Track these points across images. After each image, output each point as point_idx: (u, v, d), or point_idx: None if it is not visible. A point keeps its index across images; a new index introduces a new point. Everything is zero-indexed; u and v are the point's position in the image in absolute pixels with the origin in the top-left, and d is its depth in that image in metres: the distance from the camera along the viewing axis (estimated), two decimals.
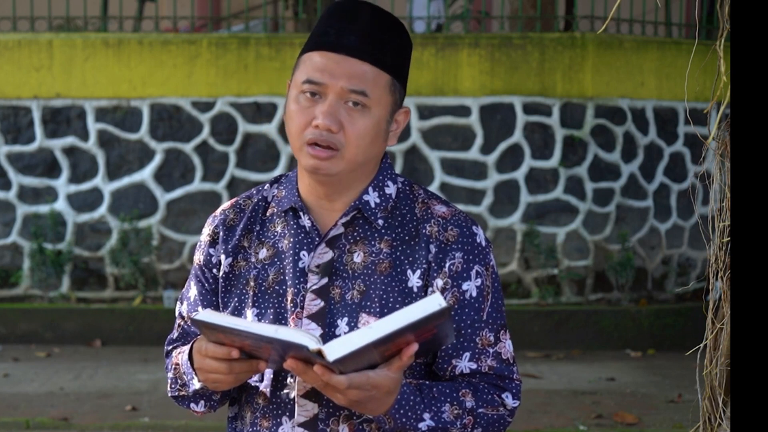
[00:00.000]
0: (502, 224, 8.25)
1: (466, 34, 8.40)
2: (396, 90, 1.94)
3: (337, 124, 1.88)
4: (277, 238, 1.99)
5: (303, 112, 1.90)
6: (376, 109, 1.90)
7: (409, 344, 1.74)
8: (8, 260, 8.37)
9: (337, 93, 1.88)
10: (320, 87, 1.88)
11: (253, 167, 8.27)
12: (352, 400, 1.77)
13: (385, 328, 1.70)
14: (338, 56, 1.88)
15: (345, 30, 1.89)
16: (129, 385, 6.65)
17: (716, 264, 2.31)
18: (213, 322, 1.76)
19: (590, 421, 5.87)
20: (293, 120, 1.91)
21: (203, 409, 2.03)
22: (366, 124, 1.90)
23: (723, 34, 2.25)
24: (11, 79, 8.32)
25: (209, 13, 8.91)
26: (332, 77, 1.88)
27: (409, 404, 1.85)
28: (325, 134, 1.88)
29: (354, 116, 1.89)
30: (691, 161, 8.72)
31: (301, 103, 1.91)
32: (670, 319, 8.07)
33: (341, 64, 1.88)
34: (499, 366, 1.96)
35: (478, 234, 1.97)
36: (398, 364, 1.76)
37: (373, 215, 1.96)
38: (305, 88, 1.90)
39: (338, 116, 1.88)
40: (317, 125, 1.88)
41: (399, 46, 1.94)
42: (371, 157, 1.95)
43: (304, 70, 1.91)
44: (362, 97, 1.88)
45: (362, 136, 1.90)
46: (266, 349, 1.78)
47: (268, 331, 1.73)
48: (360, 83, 1.88)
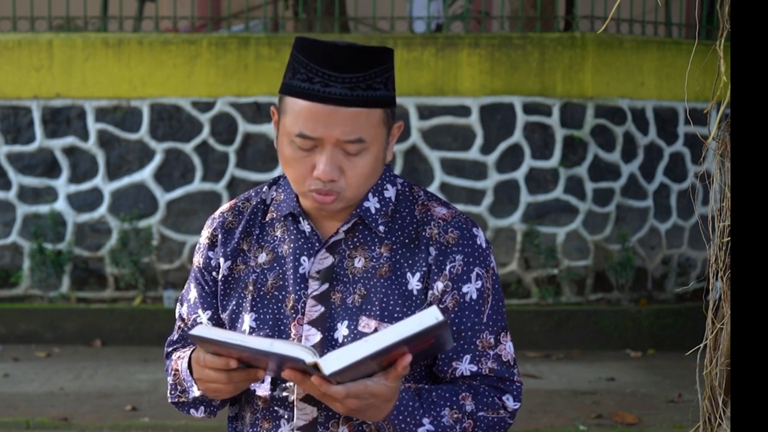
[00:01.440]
0: (502, 224, 8.25)
1: (466, 34, 8.40)
2: (389, 117, 1.90)
3: (338, 173, 1.87)
4: (276, 243, 1.99)
5: (301, 161, 1.87)
6: (373, 146, 1.88)
7: (405, 355, 1.74)
8: (8, 260, 8.37)
9: (333, 143, 1.85)
10: (315, 141, 1.85)
11: (253, 167, 8.27)
12: (351, 408, 1.77)
13: (382, 341, 1.70)
14: (328, 108, 1.83)
15: (331, 78, 1.83)
16: (129, 385, 6.65)
17: (716, 264, 2.31)
18: (209, 337, 1.76)
19: (590, 421, 5.87)
20: (292, 168, 1.89)
21: (203, 414, 2.04)
22: (366, 164, 1.88)
23: (723, 34, 2.25)
24: (11, 79, 8.32)
25: (209, 13, 8.90)
26: (326, 129, 1.84)
27: (408, 410, 1.85)
28: (329, 185, 1.87)
29: (354, 160, 1.87)
30: (691, 161, 8.72)
31: (297, 153, 1.88)
32: (670, 319, 8.06)
33: (333, 115, 1.83)
34: (500, 368, 1.96)
35: (479, 236, 1.97)
36: (395, 374, 1.76)
37: (374, 221, 1.95)
38: (299, 143, 1.86)
39: (338, 164, 1.86)
40: (319, 177, 1.86)
41: (386, 74, 1.88)
42: (372, 183, 1.94)
43: (294, 120, 1.86)
44: (359, 144, 1.86)
45: (364, 174, 1.89)
46: (263, 360, 1.78)
47: (264, 345, 1.73)
48: (354, 131, 1.84)
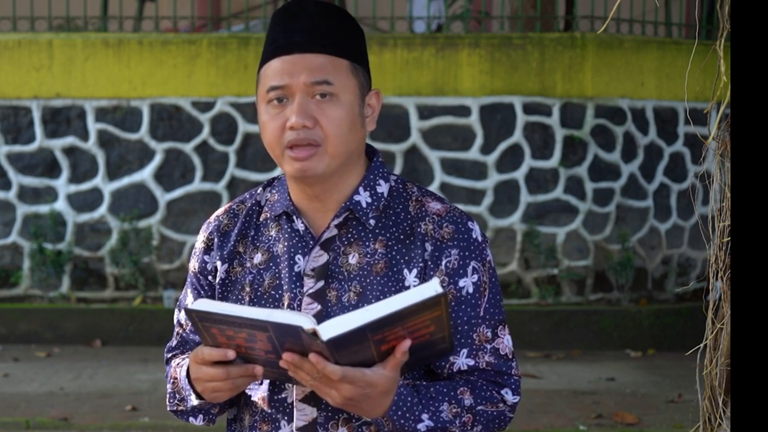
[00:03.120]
0: (502, 224, 8.25)
1: (466, 34, 8.40)
2: (359, 72, 1.94)
3: (311, 120, 1.88)
4: (271, 243, 1.99)
5: (275, 118, 1.90)
6: (344, 95, 1.90)
7: (403, 340, 1.74)
8: (8, 260, 8.37)
9: (302, 90, 1.88)
10: (284, 90, 1.89)
11: (253, 167, 8.27)
12: (346, 396, 1.76)
13: (381, 310, 1.69)
14: (292, 56, 1.89)
15: (292, 30, 1.91)
16: (129, 385, 6.65)
17: (716, 264, 2.31)
18: (207, 311, 1.76)
19: (590, 421, 5.87)
20: (267, 128, 1.92)
21: (202, 423, 2.03)
22: (339, 113, 1.90)
23: (723, 34, 2.25)
24: (11, 79, 8.32)
25: (209, 13, 8.90)
26: (292, 76, 1.88)
27: (407, 405, 1.84)
28: (302, 132, 1.88)
29: (325, 107, 1.89)
30: (691, 161, 8.72)
31: (270, 112, 1.91)
32: (670, 319, 8.07)
33: (297, 62, 1.89)
34: (497, 362, 1.95)
35: (474, 230, 1.96)
36: (393, 361, 1.75)
37: (365, 215, 1.95)
38: (271, 96, 1.90)
39: (310, 112, 1.88)
40: (292, 126, 1.88)
41: (348, 30, 1.95)
42: (354, 147, 1.94)
43: (265, 80, 1.92)
44: (327, 86, 1.89)
45: (339, 125, 1.89)
46: (262, 343, 1.76)
47: (262, 315, 1.72)
48: (320, 73, 1.88)
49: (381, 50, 8.16)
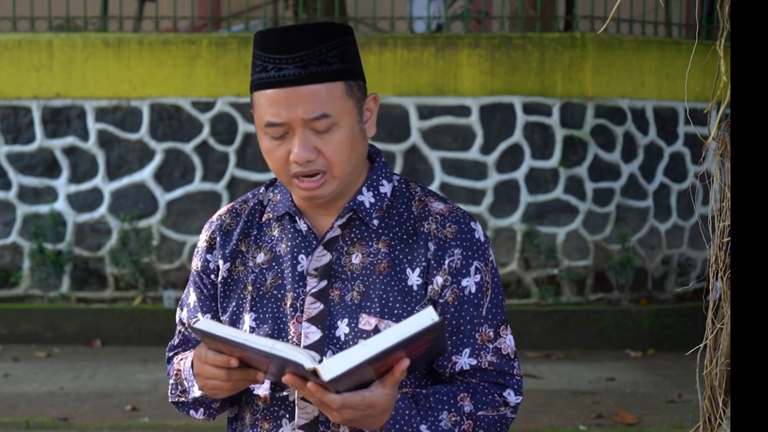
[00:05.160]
0: (502, 224, 8.25)
1: (466, 34, 8.40)
2: (354, 89, 1.91)
3: (314, 152, 1.88)
4: (274, 243, 1.99)
5: (277, 150, 1.90)
6: (343, 120, 1.89)
7: (402, 360, 1.75)
8: (8, 260, 8.37)
9: (300, 124, 1.87)
10: (283, 127, 1.88)
11: (253, 167, 8.27)
12: (347, 418, 1.77)
13: (380, 345, 1.70)
14: (285, 90, 1.86)
15: (282, 61, 1.87)
16: (129, 385, 6.64)
17: (716, 264, 2.31)
18: (211, 332, 1.77)
19: (590, 421, 5.87)
20: (271, 157, 1.92)
21: (202, 417, 2.04)
22: (340, 137, 1.89)
23: (723, 34, 2.25)
24: (11, 79, 8.32)
25: (209, 13, 8.90)
26: (288, 112, 1.86)
27: (405, 418, 1.85)
28: (307, 165, 1.88)
29: (326, 137, 1.88)
30: (691, 161, 8.72)
31: (272, 143, 1.90)
32: (670, 319, 8.07)
33: (291, 96, 1.86)
34: (499, 361, 1.96)
35: (477, 230, 1.97)
36: (392, 380, 1.76)
37: (368, 215, 1.95)
38: (269, 132, 1.89)
39: (311, 143, 1.88)
40: (295, 161, 1.88)
41: (339, 48, 1.90)
42: (357, 161, 1.94)
43: (260, 112, 1.90)
44: (326, 119, 1.87)
45: (341, 150, 1.89)
46: (264, 362, 1.79)
47: (265, 346, 1.74)
48: (316, 108, 1.86)
49: (381, 50, 8.16)
